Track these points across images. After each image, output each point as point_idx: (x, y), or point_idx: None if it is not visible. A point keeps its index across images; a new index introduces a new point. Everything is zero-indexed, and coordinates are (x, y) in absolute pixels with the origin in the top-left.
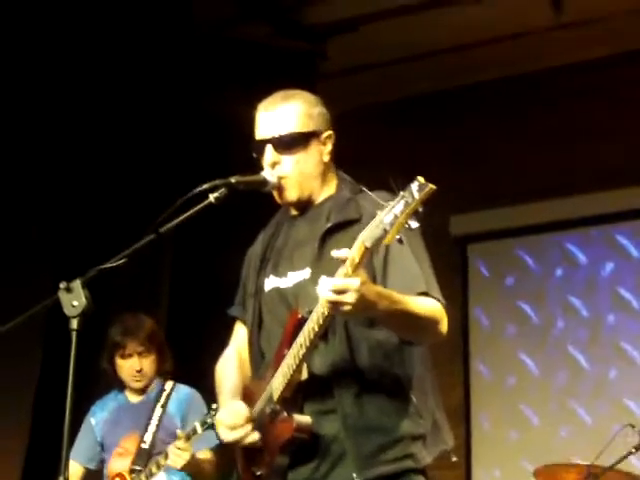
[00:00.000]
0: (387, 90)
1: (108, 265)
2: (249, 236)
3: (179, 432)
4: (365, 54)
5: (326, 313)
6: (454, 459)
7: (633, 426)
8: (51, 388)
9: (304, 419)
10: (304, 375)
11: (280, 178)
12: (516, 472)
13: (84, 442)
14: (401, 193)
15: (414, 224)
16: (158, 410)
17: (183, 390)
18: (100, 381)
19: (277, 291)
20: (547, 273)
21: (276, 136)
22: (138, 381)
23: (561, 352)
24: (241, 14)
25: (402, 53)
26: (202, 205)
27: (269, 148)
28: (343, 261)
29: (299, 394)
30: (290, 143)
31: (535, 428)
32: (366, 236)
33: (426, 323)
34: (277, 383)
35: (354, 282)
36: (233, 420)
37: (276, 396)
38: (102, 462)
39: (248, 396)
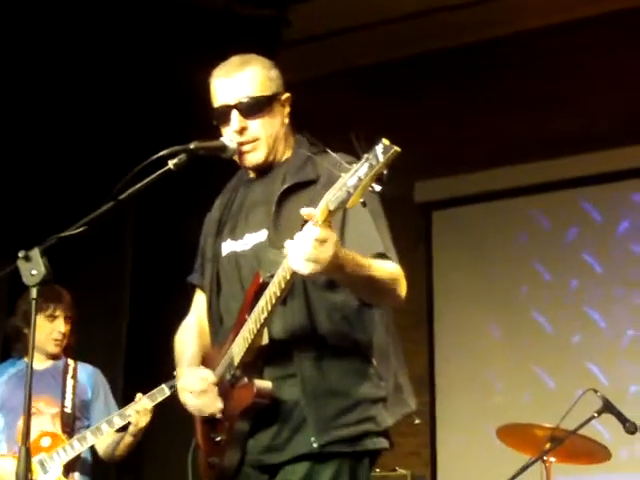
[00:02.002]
0: (350, 57)
1: (67, 233)
2: (213, 203)
3: (140, 395)
4: (328, 20)
5: (288, 277)
6: (417, 421)
7: (596, 391)
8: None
9: (265, 384)
10: (265, 340)
11: (247, 142)
12: (480, 436)
13: None
14: (365, 155)
15: (378, 187)
16: (69, 380)
17: (89, 367)
18: None
19: (234, 254)
20: (511, 239)
21: (241, 101)
22: (58, 345)
23: (525, 317)
24: None
25: (366, 19)
26: (161, 172)
27: (235, 114)
28: (304, 222)
29: (259, 359)
30: (256, 107)
31: (499, 393)
32: (330, 199)
33: (387, 286)
34: (238, 348)
35: (332, 234)
36: (201, 384)
37: (237, 361)
38: None
39: (208, 363)
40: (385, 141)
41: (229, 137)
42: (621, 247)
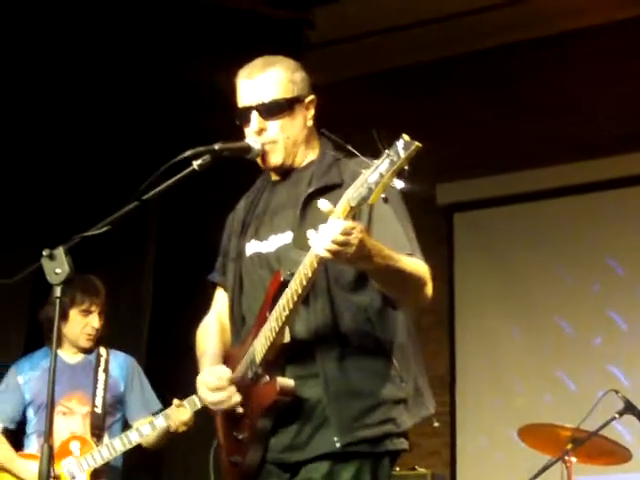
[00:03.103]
0: (374, 60)
1: (91, 232)
2: (235, 203)
3: (177, 401)
4: (352, 24)
5: (310, 274)
6: (436, 424)
7: (617, 391)
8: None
9: (287, 382)
10: (287, 338)
11: (266, 144)
12: (501, 439)
13: (9, 402)
14: (386, 152)
15: (399, 183)
16: (101, 374)
17: (120, 356)
18: None
19: (258, 255)
20: (533, 241)
21: (261, 103)
22: (90, 340)
23: (546, 319)
24: None
25: (389, 23)
26: (185, 172)
27: (254, 115)
28: (329, 213)
29: (282, 357)
30: (275, 109)
31: (520, 395)
32: (351, 195)
33: (415, 282)
34: (259, 346)
35: (358, 224)
36: (215, 382)
37: (258, 359)
38: (23, 422)
39: (229, 361)
40: (406, 137)
41: (252, 138)
42: None
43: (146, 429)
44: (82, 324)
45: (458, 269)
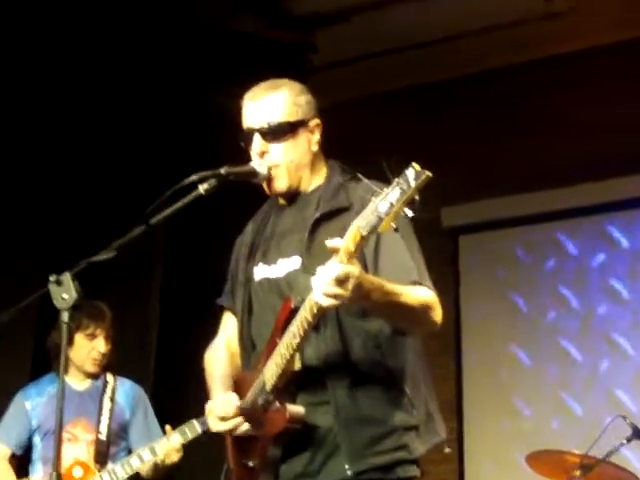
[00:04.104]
0: (377, 82)
1: (98, 257)
2: (241, 226)
3: (169, 427)
4: (355, 45)
5: (321, 306)
6: (447, 450)
7: (624, 417)
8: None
9: (297, 409)
10: (297, 365)
11: (269, 167)
12: (508, 464)
13: (16, 427)
14: (396, 180)
15: (410, 212)
16: (107, 402)
17: (127, 383)
18: None
19: (267, 280)
20: (538, 264)
21: (264, 126)
22: (96, 365)
23: (552, 343)
24: (231, 5)
25: (392, 44)
26: (192, 196)
27: (257, 137)
28: (335, 251)
29: (292, 385)
30: (278, 132)
31: (527, 420)
32: (361, 224)
33: (419, 313)
34: (270, 373)
35: (353, 270)
36: (224, 410)
37: (269, 386)
38: (28, 448)
39: (239, 386)
40: (416, 166)
41: (257, 161)
42: None
43: (146, 455)
44: (88, 348)
45: (464, 292)
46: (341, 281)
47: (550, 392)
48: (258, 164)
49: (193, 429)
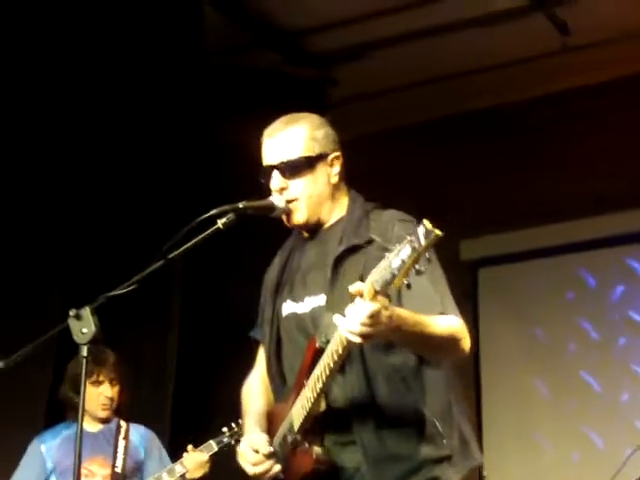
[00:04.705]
0: (396, 116)
1: (117, 292)
2: (258, 261)
3: (190, 447)
4: (374, 80)
5: (341, 351)
6: (485, 474)
7: None
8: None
9: (321, 452)
10: (322, 407)
11: (288, 202)
12: None
13: (32, 470)
14: (408, 237)
15: (423, 267)
16: (121, 441)
17: (141, 428)
18: None
19: (295, 316)
20: (558, 296)
21: (282, 162)
22: (106, 409)
23: (573, 375)
24: (250, 42)
25: (410, 79)
26: (210, 231)
27: (276, 174)
28: (359, 294)
29: (319, 425)
30: (296, 168)
31: (548, 454)
32: (375, 279)
33: (448, 341)
34: (297, 414)
35: (382, 304)
36: (254, 457)
37: (296, 427)
38: None
39: (273, 420)
40: (427, 223)
41: (277, 197)
42: None
43: (165, 477)
44: (95, 395)
45: (483, 324)
46: (373, 317)
47: (571, 425)
48: (278, 199)
49: (209, 448)
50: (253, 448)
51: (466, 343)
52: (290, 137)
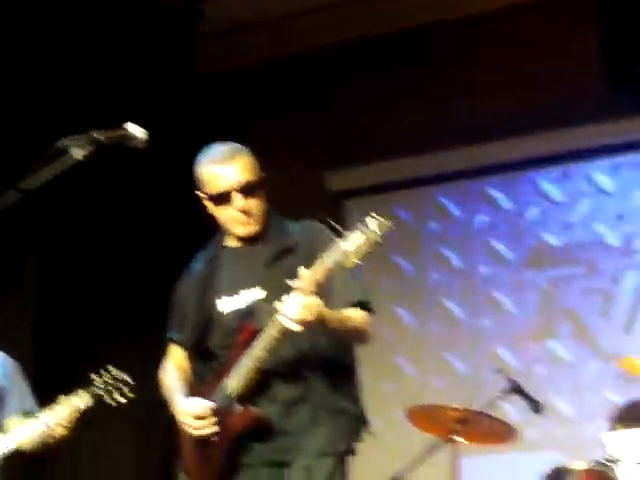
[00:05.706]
0: (263, 50)
1: None
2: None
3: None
4: (240, 14)
5: (281, 329)
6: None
7: (500, 370)
8: None
9: (257, 410)
10: (259, 375)
11: (247, 213)
12: (391, 422)
13: None
14: (358, 225)
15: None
16: None
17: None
18: None
19: (234, 311)
20: (420, 226)
21: (243, 184)
22: None
23: (435, 303)
24: None
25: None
26: (68, 163)
27: (238, 196)
28: (302, 280)
29: (255, 389)
30: (256, 188)
31: (410, 379)
32: (330, 259)
33: (360, 334)
34: (234, 382)
35: (315, 300)
36: (199, 410)
37: (233, 394)
38: None
39: (201, 396)
40: (376, 216)
41: (135, 127)
42: (531, 234)
43: (21, 431)
44: None
45: None
46: (307, 306)
47: (433, 351)
48: (136, 128)
49: (82, 397)
50: (198, 404)
51: (369, 335)
52: (245, 163)
